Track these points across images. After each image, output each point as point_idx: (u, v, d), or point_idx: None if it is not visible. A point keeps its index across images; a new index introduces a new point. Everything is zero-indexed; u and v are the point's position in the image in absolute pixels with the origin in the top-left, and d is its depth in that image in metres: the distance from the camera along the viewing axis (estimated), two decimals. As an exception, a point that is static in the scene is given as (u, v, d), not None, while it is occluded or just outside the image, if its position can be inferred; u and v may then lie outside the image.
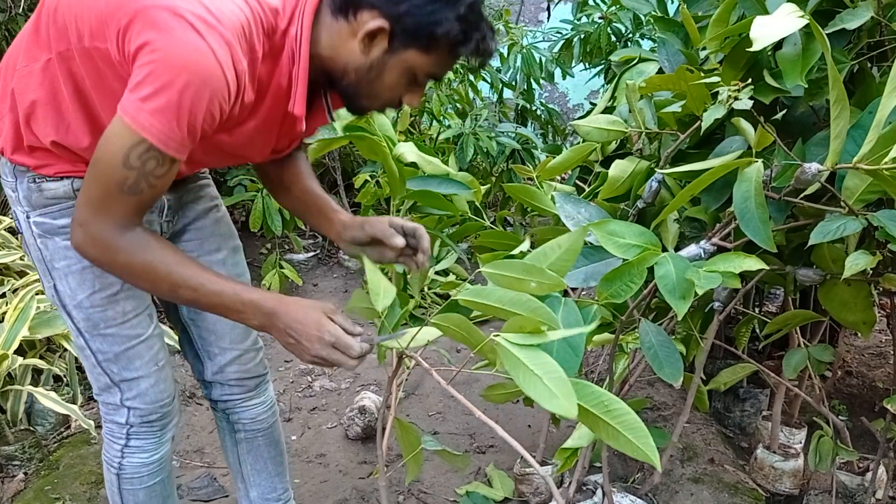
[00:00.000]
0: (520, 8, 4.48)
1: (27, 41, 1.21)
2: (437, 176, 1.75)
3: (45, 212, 1.30)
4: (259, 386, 1.67)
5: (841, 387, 2.79)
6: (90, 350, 1.39)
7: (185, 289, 1.14)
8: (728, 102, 1.25)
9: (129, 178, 1.08)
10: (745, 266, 1.16)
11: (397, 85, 1.20)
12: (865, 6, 1.20)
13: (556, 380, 0.96)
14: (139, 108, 1.03)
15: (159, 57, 1.01)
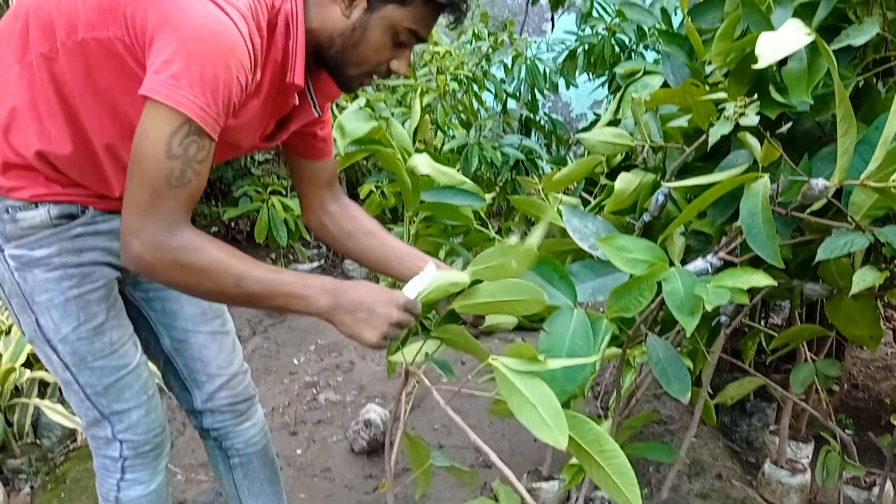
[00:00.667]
0: (524, 19, 4.49)
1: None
2: (451, 187, 1.75)
3: (21, 243, 1.25)
4: (249, 409, 1.63)
5: (848, 400, 2.78)
6: (78, 384, 1.35)
7: (250, 280, 1.11)
8: (734, 118, 1.25)
9: (174, 168, 1.05)
10: (754, 282, 1.16)
11: (381, 45, 1.20)
12: (871, 22, 1.20)
13: (551, 410, 0.96)
14: (172, 85, 1.01)
15: (184, 32, 1.02)
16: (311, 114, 1.34)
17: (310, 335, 3.50)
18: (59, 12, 1.12)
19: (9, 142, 1.20)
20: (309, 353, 3.32)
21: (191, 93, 1.02)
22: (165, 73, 1.01)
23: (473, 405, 2.73)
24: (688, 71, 1.61)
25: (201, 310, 1.52)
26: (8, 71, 1.18)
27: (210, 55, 1.02)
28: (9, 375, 2.17)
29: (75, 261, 1.28)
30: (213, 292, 1.13)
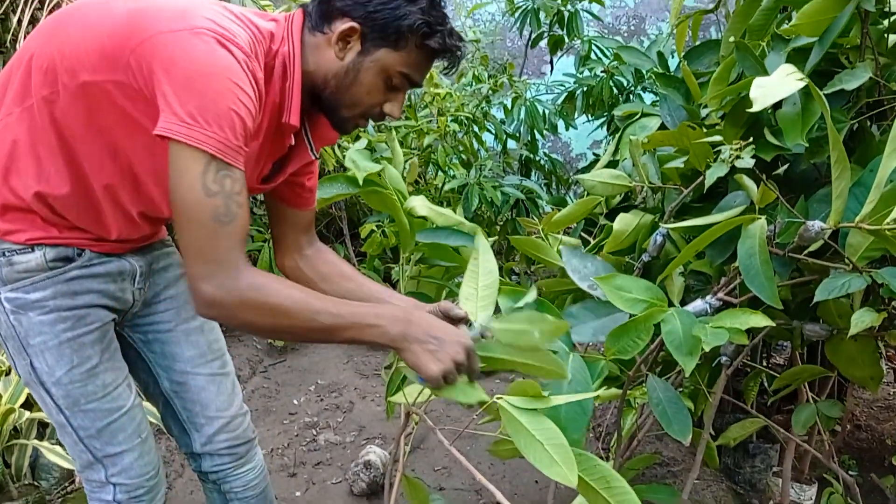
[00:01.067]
0: (523, 61, 4.55)
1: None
2: (447, 228, 1.76)
3: (17, 286, 1.25)
4: (249, 452, 1.60)
5: (850, 441, 2.76)
6: (71, 427, 1.34)
7: (325, 314, 1.11)
8: (730, 160, 1.27)
9: (219, 205, 1.06)
10: (752, 322, 1.17)
11: (374, 88, 1.22)
12: (864, 67, 1.23)
13: (558, 447, 0.96)
14: (190, 126, 1.03)
15: (191, 71, 1.04)
16: (307, 156, 1.36)
17: (310, 375, 3.49)
18: (63, 56, 1.14)
19: (8, 184, 1.21)
20: (309, 394, 3.31)
21: (210, 130, 1.04)
22: (181, 113, 1.03)
23: (473, 446, 2.71)
24: (684, 113, 1.64)
25: (200, 352, 1.51)
26: (8, 115, 1.20)
27: (220, 89, 1.05)
28: (8, 416, 2.16)
29: (70, 304, 1.28)
30: (288, 329, 1.13)
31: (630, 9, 5.39)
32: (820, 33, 1.27)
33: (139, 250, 1.41)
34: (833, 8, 1.25)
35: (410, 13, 1.17)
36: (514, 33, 4.65)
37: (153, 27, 1.08)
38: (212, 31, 1.07)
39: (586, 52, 3.81)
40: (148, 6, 1.13)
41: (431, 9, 1.19)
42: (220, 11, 1.14)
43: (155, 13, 1.11)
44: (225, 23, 1.11)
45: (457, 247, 1.78)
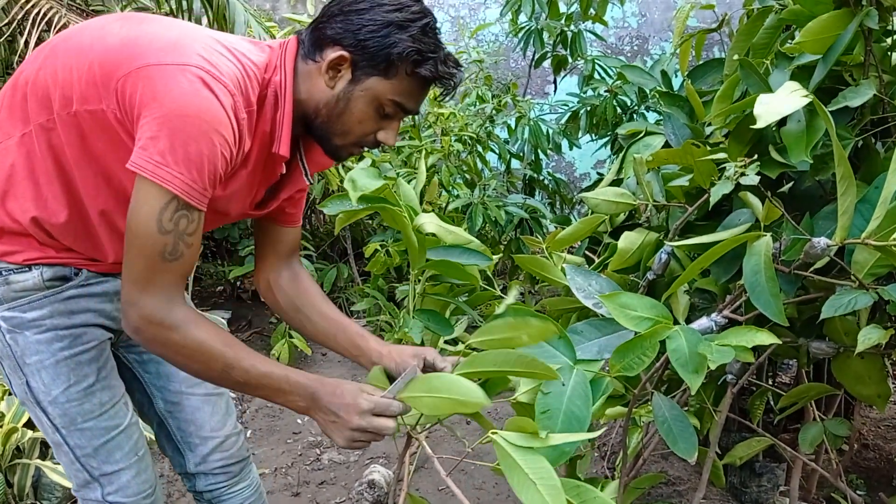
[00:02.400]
0: (527, 81, 4.58)
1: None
2: (458, 246, 1.76)
3: (13, 306, 1.26)
4: (243, 470, 1.61)
5: (858, 460, 2.73)
6: (68, 446, 1.33)
7: (238, 370, 1.14)
8: (735, 178, 1.26)
9: (167, 243, 1.09)
10: (758, 340, 1.16)
11: (366, 117, 1.22)
12: (868, 84, 1.23)
13: (551, 487, 0.96)
14: (158, 163, 1.05)
15: (169, 109, 1.06)
16: (302, 182, 1.38)
17: (314, 394, 3.47)
18: (55, 84, 1.16)
19: (5, 208, 1.22)
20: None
21: (176, 170, 1.06)
22: (152, 150, 1.05)
23: (477, 465, 2.69)
24: (688, 131, 1.64)
25: None
26: (8, 139, 1.21)
27: (193, 133, 1.06)
28: (11, 436, 2.16)
29: (66, 322, 1.29)
30: (201, 373, 1.18)
31: (633, 29, 5.42)
32: (824, 51, 1.28)
33: None
34: (836, 26, 1.26)
35: (400, 41, 1.16)
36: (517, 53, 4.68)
37: (142, 59, 1.09)
38: (199, 69, 1.08)
39: (590, 72, 3.82)
40: (141, 34, 1.15)
41: (423, 35, 1.18)
42: (211, 45, 1.15)
43: (147, 43, 1.12)
44: (214, 58, 1.12)
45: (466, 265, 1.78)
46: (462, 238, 1.77)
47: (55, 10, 2.95)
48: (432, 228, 1.73)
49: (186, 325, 1.12)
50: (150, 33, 1.15)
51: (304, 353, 3.77)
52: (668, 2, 5.34)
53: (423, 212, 1.76)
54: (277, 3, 5.11)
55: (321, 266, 4.04)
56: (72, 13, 3.05)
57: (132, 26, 1.18)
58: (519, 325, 1.14)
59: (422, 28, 1.18)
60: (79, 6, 3.31)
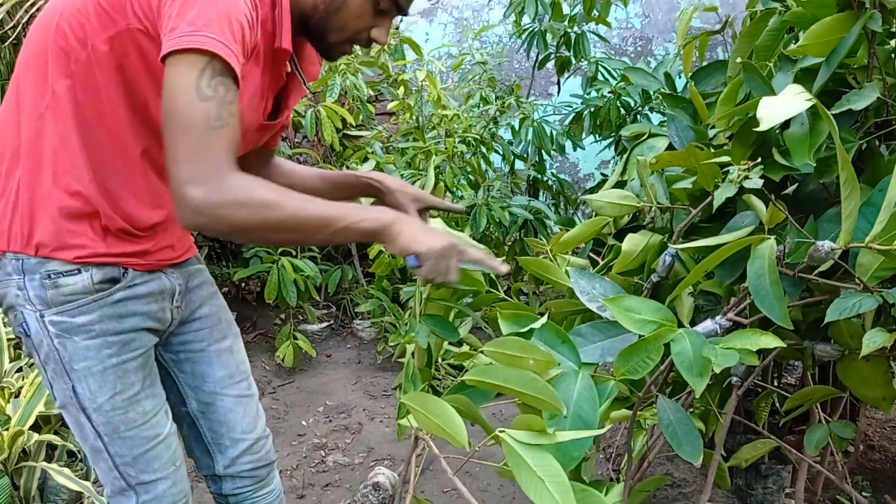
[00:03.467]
0: (530, 83, 4.57)
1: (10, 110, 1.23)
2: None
3: (62, 310, 1.23)
4: (269, 474, 1.61)
5: (864, 462, 2.73)
6: (108, 453, 1.32)
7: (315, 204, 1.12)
8: (738, 181, 1.26)
9: (210, 109, 1.03)
10: (762, 343, 1.16)
11: (362, 11, 1.26)
12: (871, 87, 1.23)
13: (559, 485, 0.96)
14: (191, 33, 1.02)
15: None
16: (301, 90, 1.40)
17: (318, 396, 3.48)
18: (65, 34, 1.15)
19: (60, 186, 1.21)
20: (317, 415, 3.30)
21: (209, 31, 1.03)
22: (180, 26, 1.03)
23: (483, 467, 2.69)
24: (692, 133, 1.64)
25: (229, 372, 1.52)
26: (37, 119, 1.20)
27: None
28: (17, 438, 2.16)
29: (116, 328, 1.28)
30: (279, 224, 1.08)
31: (637, 30, 5.42)
32: (827, 53, 1.28)
33: (176, 266, 1.42)
34: (840, 28, 1.26)
35: None
36: (521, 55, 4.68)
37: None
38: None
39: (593, 73, 3.82)
40: None
41: None
42: None
43: None
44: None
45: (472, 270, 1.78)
46: (468, 243, 1.77)
47: (60, 14, 2.96)
48: None
49: (250, 181, 1.07)
50: None
51: (308, 354, 3.77)
52: (672, 3, 5.33)
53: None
54: None
55: (325, 267, 4.05)
56: (77, 17, 3.06)
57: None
58: (529, 350, 1.15)
59: None
60: (83, 10, 3.32)
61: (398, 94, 4.04)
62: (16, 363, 2.56)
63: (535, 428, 1.03)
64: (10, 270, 1.24)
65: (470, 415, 1.20)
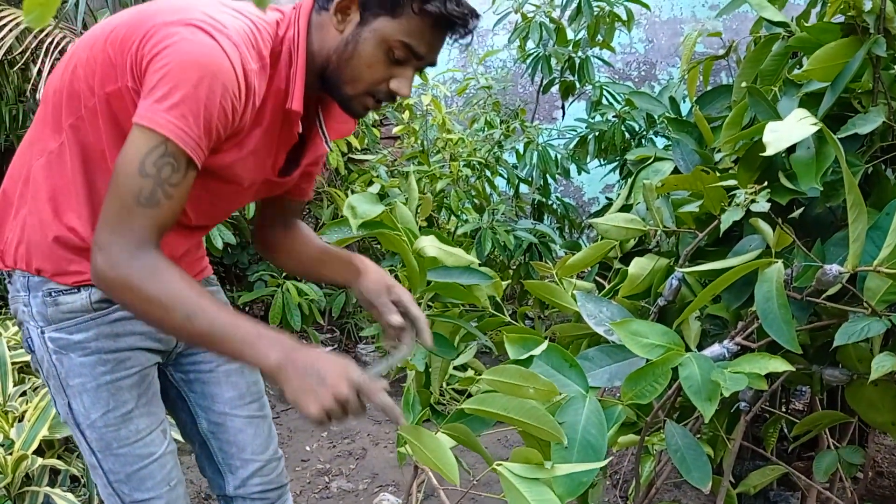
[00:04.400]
0: (535, 107, 4.60)
1: (33, 139, 1.25)
2: (459, 267, 1.76)
3: (60, 327, 1.26)
4: (281, 497, 1.58)
5: (873, 488, 2.70)
6: (102, 470, 1.33)
7: (202, 319, 1.05)
8: (745, 204, 1.27)
9: (144, 187, 1.05)
10: (771, 367, 1.15)
11: (374, 60, 1.17)
12: (877, 111, 1.23)
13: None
14: (154, 109, 1.03)
15: (171, 59, 1.04)
16: (322, 148, 1.36)
17: (323, 421, 3.46)
18: (78, 78, 1.16)
19: (63, 222, 1.22)
20: (321, 440, 3.28)
21: (171, 115, 1.03)
22: (150, 99, 1.04)
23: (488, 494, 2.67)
24: (698, 157, 1.64)
25: (239, 393, 1.51)
26: (48, 154, 1.22)
27: (192, 79, 1.04)
28: (20, 463, 2.15)
29: (112, 346, 1.28)
30: (162, 323, 1.08)
31: (641, 55, 5.45)
32: (832, 78, 1.28)
33: None
34: (844, 53, 1.26)
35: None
36: (525, 79, 4.71)
37: (149, 24, 1.09)
38: (201, 22, 1.07)
39: (598, 98, 3.84)
40: (148, 9, 1.15)
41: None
42: (217, 7, 1.14)
43: (154, 13, 1.12)
44: (220, 16, 1.11)
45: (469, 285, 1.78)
46: (463, 260, 1.77)
47: (68, 40, 3.00)
48: (433, 252, 1.74)
49: (150, 270, 1.06)
50: (158, 6, 1.15)
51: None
52: (676, 28, 5.38)
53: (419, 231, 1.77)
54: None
55: (330, 291, 4.05)
56: (85, 43, 3.09)
57: (143, 6, 1.18)
58: (528, 378, 1.14)
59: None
60: (92, 36, 3.36)
61: (403, 119, 4.06)
62: (20, 387, 2.56)
63: (534, 461, 1.03)
64: (18, 287, 1.27)
65: (469, 443, 1.19)
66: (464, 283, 1.73)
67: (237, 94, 1.09)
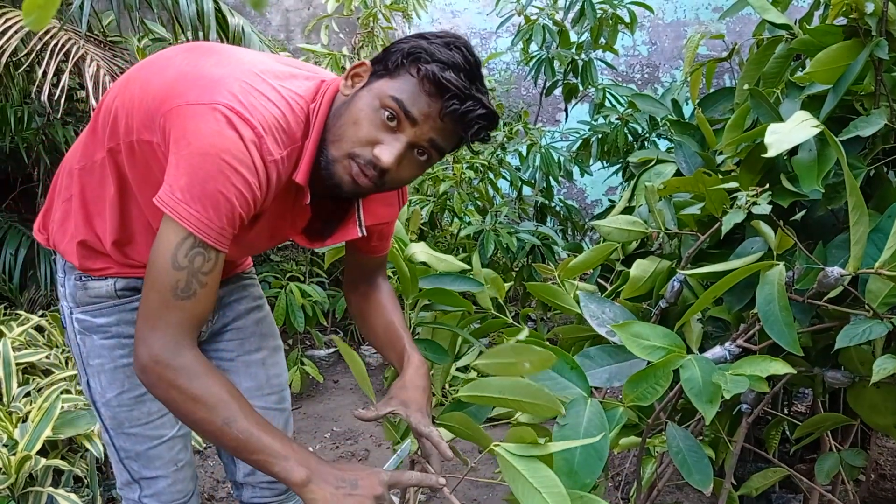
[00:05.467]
0: (538, 109, 4.60)
1: (84, 141, 1.29)
2: (450, 274, 1.76)
3: (86, 309, 1.34)
4: (289, 491, 1.62)
5: (875, 491, 2.69)
6: (114, 447, 1.41)
7: (236, 428, 1.06)
8: (747, 207, 1.27)
9: (180, 280, 1.06)
10: (772, 370, 1.15)
11: (363, 117, 1.10)
12: (879, 114, 1.23)
13: (557, 495, 0.95)
14: (178, 200, 1.04)
15: (193, 147, 1.05)
16: (354, 231, 1.28)
17: (325, 422, 3.47)
18: (124, 111, 1.18)
19: (92, 227, 1.29)
20: (324, 441, 3.29)
21: (193, 208, 1.04)
22: (174, 186, 1.05)
23: (490, 495, 2.67)
24: (700, 160, 1.64)
25: (257, 384, 1.55)
26: (92, 160, 1.26)
27: (213, 172, 1.04)
28: (24, 463, 2.16)
29: (131, 332, 1.30)
30: (202, 423, 1.09)
31: (644, 57, 5.45)
32: (834, 80, 1.28)
33: None
34: (847, 56, 1.26)
35: (416, 44, 1.11)
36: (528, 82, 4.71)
37: (182, 97, 1.08)
38: (228, 108, 1.06)
39: (601, 100, 3.85)
40: (191, 71, 1.13)
41: (443, 47, 1.10)
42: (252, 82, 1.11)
43: (193, 80, 1.11)
44: (250, 97, 1.08)
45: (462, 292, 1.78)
46: (454, 266, 1.78)
47: (73, 42, 3.00)
48: (423, 257, 1.74)
49: (193, 371, 1.08)
50: (200, 69, 1.13)
51: (315, 380, 3.77)
52: (678, 30, 5.38)
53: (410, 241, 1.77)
54: (292, 33, 5.18)
55: (333, 293, 4.05)
56: (90, 44, 3.11)
57: (193, 59, 1.16)
58: (522, 352, 1.13)
59: (446, 42, 1.10)
60: (97, 38, 3.37)
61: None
62: (24, 388, 2.56)
63: (528, 440, 1.03)
64: (58, 267, 1.37)
65: (468, 432, 1.20)
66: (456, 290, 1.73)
67: (258, 185, 1.09)
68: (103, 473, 2.60)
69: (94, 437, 2.40)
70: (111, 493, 2.59)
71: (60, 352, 2.95)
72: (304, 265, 4.17)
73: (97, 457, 2.42)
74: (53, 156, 3.66)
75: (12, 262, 3.70)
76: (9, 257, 3.70)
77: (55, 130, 3.53)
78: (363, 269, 1.50)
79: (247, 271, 1.58)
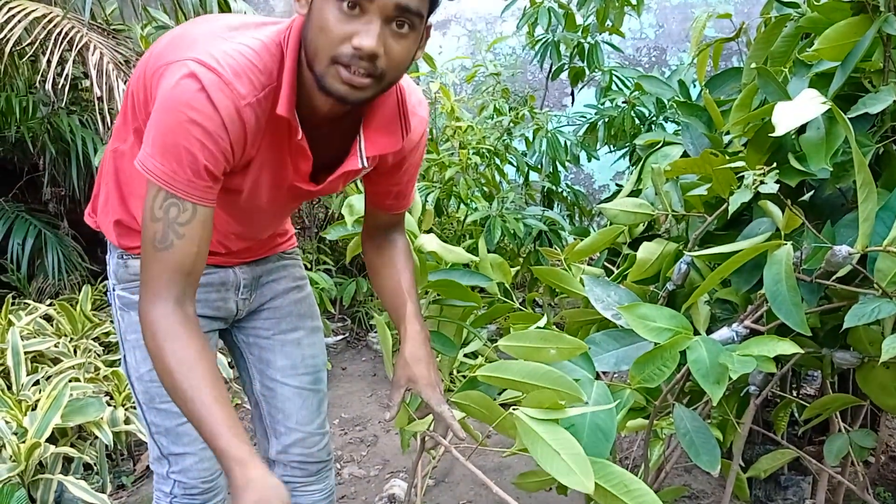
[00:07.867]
0: (544, 94, 4.57)
1: (117, 125, 1.34)
2: (459, 268, 1.77)
3: (127, 286, 1.39)
4: (321, 472, 1.65)
5: (885, 472, 2.68)
6: (146, 421, 1.45)
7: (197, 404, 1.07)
8: (754, 186, 1.25)
9: (157, 231, 1.10)
10: (780, 350, 1.15)
11: (327, 21, 1.04)
12: (887, 90, 1.21)
13: (575, 456, 0.96)
14: (147, 156, 1.09)
15: (158, 104, 1.09)
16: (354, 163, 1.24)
17: (333, 409, 3.48)
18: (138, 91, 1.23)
19: (128, 208, 1.33)
20: (333, 427, 3.30)
21: (159, 162, 1.08)
22: (146, 144, 1.10)
23: (498, 480, 2.68)
24: (707, 141, 1.63)
25: (292, 363, 1.58)
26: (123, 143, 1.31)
27: (172, 125, 1.07)
28: (34, 451, 2.17)
29: None
30: (167, 387, 1.11)
31: (650, 40, 5.42)
32: (842, 58, 1.26)
33: (250, 263, 1.50)
34: (855, 32, 1.25)
35: None
36: (534, 66, 4.69)
37: (163, 59, 1.14)
38: (195, 62, 1.08)
39: (607, 83, 3.81)
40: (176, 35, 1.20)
41: None
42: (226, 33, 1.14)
43: (175, 44, 1.17)
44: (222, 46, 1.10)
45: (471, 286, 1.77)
46: (462, 257, 1.79)
47: (76, 30, 3.00)
48: (432, 247, 1.74)
49: (164, 332, 1.10)
50: (183, 32, 1.20)
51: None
52: (686, 12, 5.33)
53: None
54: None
55: (340, 280, 4.05)
56: (93, 32, 3.10)
57: (182, 27, 1.25)
58: (550, 339, 1.14)
59: None
60: (100, 25, 3.36)
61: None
62: (33, 376, 2.58)
63: (546, 404, 1.03)
64: (107, 246, 1.43)
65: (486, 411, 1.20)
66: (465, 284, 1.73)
67: (223, 135, 1.10)
68: (113, 461, 2.61)
69: (103, 425, 2.41)
70: (120, 479, 2.61)
71: (69, 340, 2.97)
72: (312, 253, 4.17)
73: (106, 444, 2.44)
74: (58, 145, 3.67)
75: (20, 251, 3.72)
76: (16, 247, 3.71)
77: (60, 120, 3.54)
78: (379, 224, 1.52)
79: (288, 251, 1.60)
